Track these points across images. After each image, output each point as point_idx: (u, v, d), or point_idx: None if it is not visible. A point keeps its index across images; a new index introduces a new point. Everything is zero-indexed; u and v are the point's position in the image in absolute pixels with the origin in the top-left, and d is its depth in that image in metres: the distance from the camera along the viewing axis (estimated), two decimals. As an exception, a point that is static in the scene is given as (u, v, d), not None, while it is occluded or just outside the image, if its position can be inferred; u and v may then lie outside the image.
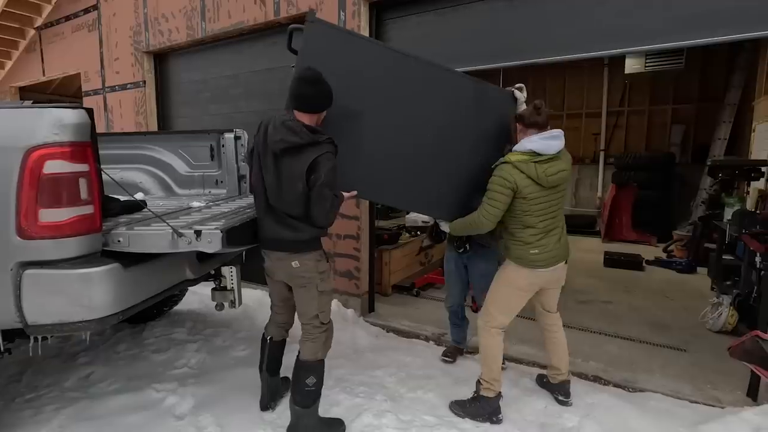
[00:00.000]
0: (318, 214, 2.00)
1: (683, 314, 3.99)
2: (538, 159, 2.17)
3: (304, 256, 2.10)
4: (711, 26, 2.55)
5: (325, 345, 2.23)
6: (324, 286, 2.18)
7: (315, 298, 2.16)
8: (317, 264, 2.14)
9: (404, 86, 2.34)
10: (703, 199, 6.44)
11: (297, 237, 2.06)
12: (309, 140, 1.94)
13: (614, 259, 5.83)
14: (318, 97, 2.02)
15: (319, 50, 2.13)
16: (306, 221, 2.04)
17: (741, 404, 2.48)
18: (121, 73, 5.67)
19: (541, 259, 2.25)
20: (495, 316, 2.37)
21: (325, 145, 1.97)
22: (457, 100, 2.47)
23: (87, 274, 1.72)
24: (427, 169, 2.44)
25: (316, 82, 1.99)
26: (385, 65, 2.30)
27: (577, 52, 2.96)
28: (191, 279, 2.40)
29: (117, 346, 3.29)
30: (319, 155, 1.94)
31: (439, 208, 2.58)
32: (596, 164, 8.94)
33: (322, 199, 1.96)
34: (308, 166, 1.93)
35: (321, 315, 2.20)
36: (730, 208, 4.32)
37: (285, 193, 2.00)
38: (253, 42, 4.68)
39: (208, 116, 5.12)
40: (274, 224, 2.08)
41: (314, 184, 1.94)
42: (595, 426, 2.29)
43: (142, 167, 3.40)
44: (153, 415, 2.41)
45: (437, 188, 2.48)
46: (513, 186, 2.15)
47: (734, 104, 6.91)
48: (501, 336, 2.40)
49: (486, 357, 2.40)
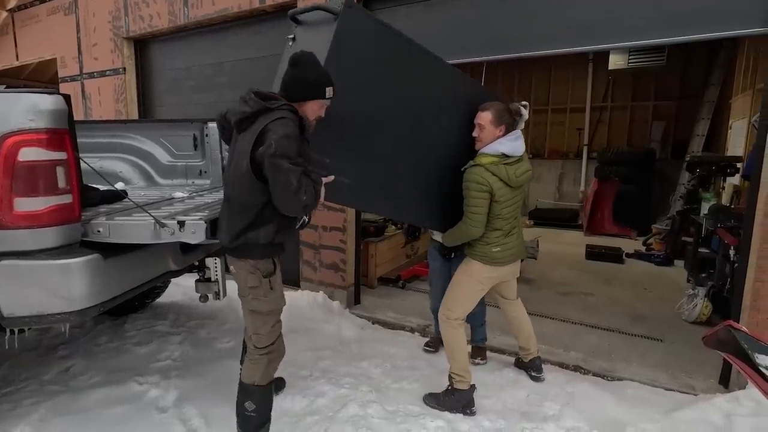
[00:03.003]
0: (280, 195, 1.60)
1: (660, 305, 4.11)
2: (507, 161, 2.23)
3: (237, 261, 1.79)
4: (692, 24, 2.61)
5: (265, 371, 1.91)
6: (256, 305, 1.82)
7: (246, 315, 1.88)
8: (248, 276, 1.79)
9: (426, 92, 2.19)
10: (681, 194, 6.60)
11: (230, 231, 1.74)
12: (258, 107, 1.64)
13: (595, 252, 5.96)
14: (291, 82, 1.71)
15: (353, 42, 1.82)
16: (255, 212, 1.70)
17: (713, 391, 2.58)
18: (100, 59, 5.50)
19: (502, 257, 2.35)
20: (455, 309, 2.42)
21: (279, 111, 1.64)
22: (465, 108, 2.36)
23: (66, 264, 1.68)
24: (429, 179, 2.34)
25: (294, 64, 1.69)
26: (414, 67, 2.09)
27: (562, 47, 2.99)
28: (174, 270, 2.37)
29: (98, 338, 3.23)
30: (270, 121, 1.60)
31: (431, 219, 2.50)
32: (580, 159, 9.08)
33: (279, 171, 1.55)
34: (255, 138, 1.60)
35: (254, 338, 1.88)
36: (707, 202, 4.45)
37: (232, 173, 1.72)
38: (237, 30, 4.58)
39: (191, 105, 5.02)
40: (222, 212, 1.82)
41: (264, 157, 1.57)
42: (574, 414, 2.35)
43: (122, 156, 3.32)
44: (135, 408, 2.38)
45: (436, 199, 2.40)
46: (489, 188, 2.19)
47: (712, 102, 7.09)
48: (462, 328, 2.44)
49: (452, 350, 2.42)
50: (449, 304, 2.44)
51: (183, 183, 3.37)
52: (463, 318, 2.45)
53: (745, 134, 5.18)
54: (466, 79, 2.49)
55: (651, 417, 2.32)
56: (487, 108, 2.26)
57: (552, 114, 9.28)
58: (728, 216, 3.73)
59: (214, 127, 3.26)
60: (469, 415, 2.36)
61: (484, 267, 2.35)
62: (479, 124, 2.27)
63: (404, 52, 2.07)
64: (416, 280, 4.81)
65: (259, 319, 1.86)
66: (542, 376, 2.72)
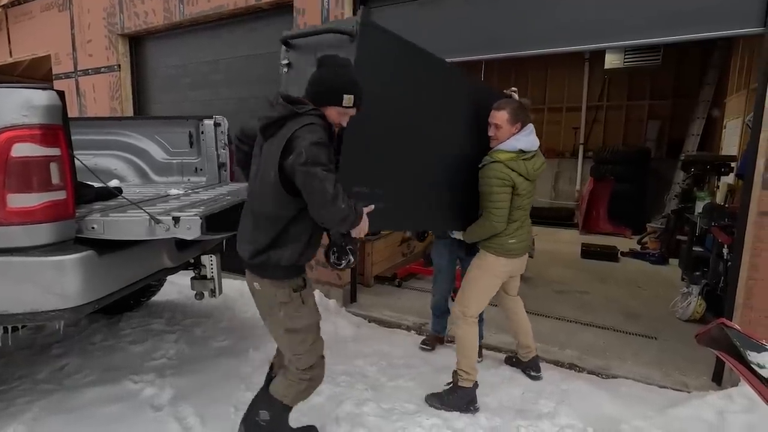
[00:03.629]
0: (317, 204, 1.47)
1: (655, 304, 4.13)
2: (525, 156, 2.27)
3: (261, 279, 1.67)
4: (687, 24, 2.62)
5: (299, 394, 1.82)
6: (289, 323, 1.70)
7: (281, 336, 1.75)
8: (276, 292, 1.66)
9: (442, 99, 2.16)
10: (676, 193, 6.65)
11: (252, 244, 1.63)
12: (285, 112, 1.53)
13: (591, 250, 5.99)
14: (312, 83, 1.59)
15: (374, 63, 1.71)
16: (279, 227, 1.59)
17: (706, 389, 2.60)
18: (95, 56, 5.46)
19: (517, 248, 2.38)
20: (471, 305, 2.43)
21: (307, 117, 1.53)
22: (477, 108, 2.36)
23: (60, 261, 1.67)
24: (449, 183, 2.33)
25: (319, 65, 1.58)
26: (429, 77, 2.04)
27: (557, 46, 3.00)
28: (170, 267, 2.36)
29: (92, 337, 3.21)
30: (299, 128, 1.49)
31: (455, 221, 2.48)
32: (575, 158, 9.11)
33: (313, 179, 1.43)
34: (284, 146, 1.49)
35: (294, 360, 1.76)
36: (701, 201, 4.48)
37: (258, 184, 1.61)
38: (233, 27, 4.56)
39: (187, 102, 4.99)
40: (243, 225, 1.72)
41: (294, 166, 1.45)
42: (569, 411, 2.36)
43: (117, 153, 3.30)
44: (130, 407, 2.37)
45: (456, 200, 2.39)
46: (511, 182, 2.22)
47: (707, 101, 7.13)
48: (476, 325, 2.46)
49: (465, 347, 2.43)
50: (465, 300, 2.43)
51: (179, 180, 3.36)
52: (478, 315, 2.47)
53: (739, 134, 5.22)
54: (475, 81, 2.51)
55: (645, 414, 2.34)
56: (502, 107, 2.27)
57: (548, 113, 9.30)
58: (722, 215, 3.75)
59: (210, 124, 3.26)
60: (472, 412, 2.36)
61: (498, 260, 2.37)
62: (495, 124, 2.27)
63: (420, 62, 1.99)
64: (412, 278, 4.82)
65: (295, 337, 1.72)
66: (541, 375, 2.74)
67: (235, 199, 2.37)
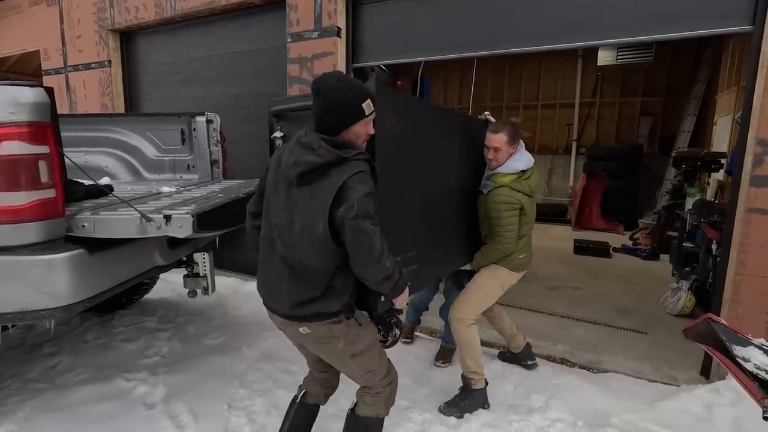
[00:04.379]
0: (363, 261, 1.39)
1: (646, 299, 4.18)
2: (525, 176, 2.33)
3: (314, 323, 1.51)
4: (679, 21, 2.64)
5: (388, 400, 1.74)
6: (354, 349, 1.59)
7: (347, 363, 1.63)
8: (332, 328, 1.52)
9: (443, 143, 2.20)
10: (667, 189, 6.71)
11: (291, 298, 1.48)
12: (331, 158, 1.39)
13: (583, 246, 6.03)
14: (327, 111, 1.44)
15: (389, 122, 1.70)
16: (325, 280, 1.46)
17: (695, 382, 2.64)
18: (85, 52, 5.39)
19: (526, 263, 2.50)
20: (475, 311, 2.46)
21: (357, 163, 1.41)
22: (465, 139, 2.41)
23: (50, 260, 1.65)
24: (455, 221, 2.38)
25: (317, 93, 1.45)
26: (430, 125, 2.08)
27: (551, 44, 3.01)
28: (162, 266, 2.35)
29: (85, 335, 3.19)
30: (349, 177, 1.37)
31: (463, 255, 2.52)
32: (569, 154, 9.16)
33: (363, 235, 1.35)
34: (334, 195, 1.36)
35: (368, 377, 1.67)
36: (691, 198, 4.53)
37: (299, 235, 1.43)
38: (225, 23, 4.52)
39: (179, 99, 4.95)
40: (277, 278, 1.51)
41: (344, 220, 1.35)
42: (560, 405, 2.39)
43: (108, 151, 3.27)
44: (123, 405, 2.37)
45: (461, 236, 2.45)
46: (519, 205, 2.29)
47: (699, 98, 7.19)
48: (476, 327, 2.47)
49: (471, 350, 2.40)
50: (469, 307, 2.44)
51: (171, 178, 3.34)
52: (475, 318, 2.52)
53: (729, 131, 5.27)
54: (466, 117, 2.59)
55: (634, 408, 2.37)
56: (500, 130, 2.30)
57: (542, 110, 9.34)
58: (711, 211, 3.80)
59: (203, 121, 3.24)
60: (485, 410, 2.39)
61: (510, 274, 2.44)
62: (495, 147, 2.30)
63: (420, 112, 2.04)
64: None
65: (363, 359, 1.62)
66: (536, 362, 2.80)
67: (228, 196, 2.36)
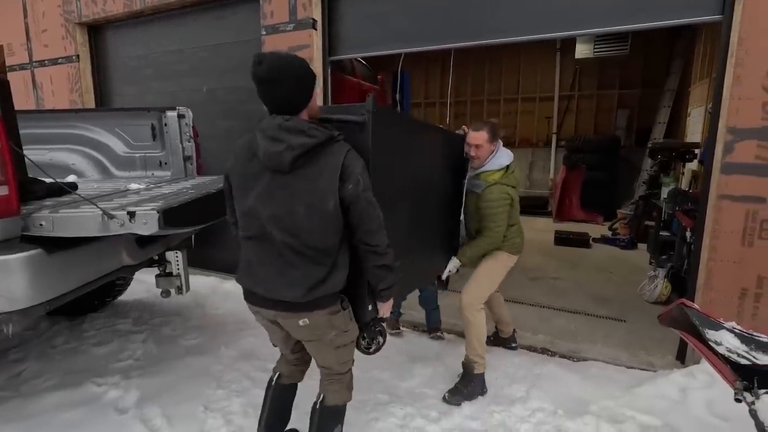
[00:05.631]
0: (375, 230, 1.49)
1: (624, 287, 4.25)
2: (509, 171, 2.47)
3: (316, 313, 1.54)
4: (650, 12, 2.66)
5: (350, 384, 1.84)
6: (341, 341, 1.66)
7: (329, 353, 1.70)
8: (331, 320, 1.58)
9: (426, 153, 2.27)
10: (644, 180, 6.83)
11: (303, 284, 1.49)
12: (324, 137, 1.44)
13: (563, 237, 6.11)
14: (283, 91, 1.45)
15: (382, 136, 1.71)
16: (332, 257, 1.52)
17: (671, 367, 2.68)
18: (51, 47, 5.18)
19: (521, 245, 2.63)
20: (483, 295, 2.55)
21: (342, 143, 1.49)
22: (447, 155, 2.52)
23: (4, 261, 1.57)
24: (438, 224, 2.47)
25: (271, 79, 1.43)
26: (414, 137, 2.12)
27: (527, 34, 3.00)
28: (131, 265, 2.27)
29: (53, 340, 3.07)
30: (345, 156, 1.45)
31: (446, 257, 2.60)
32: (549, 147, 9.26)
33: (372, 206, 1.48)
34: (339, 174, 1.43)
35: (341, 365, 1.76)
36: (667, 187, 4.62)
37: (306, 217, 1.45)
38: (198, 15, 4.39)
39: (151, 94, 4.79)
40: (283, 269, 1.50)
41: (357, 193, 1.44)
42: (541, 395, 2.41)
43: (75, 147, 3.15)
44: (93, 411, 2.28)
45: (441, 237, 2.54)
46: (510, 200, 2.43)
47: (673, 90, 7.33)
48: (483, 312, 2.54)
49: (478, 334, 2.47)
50: (478, 292, 2.53)
51: (142, 175, 3.23)
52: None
53: (702, 121, 5.39)
54: (446, 132, 2.67)
55: (612, 394, 2.40)
56: (481, 128, 2.42)
57: (522, 103, 9.40)
58: (686, 199, 3.87)
59: (174, 116, 3.13)
60: (484, 395, 2.46)
61: (511, 257, 2.58)
62: (476, 145, 2.41)
63: (407, 126, 2.13)
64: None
65: (344, 350, 1.70)
66: (517, 345, 3.01)
67: (199, 192, 2.29)
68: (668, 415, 2.19)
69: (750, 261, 2.46)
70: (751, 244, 2.45)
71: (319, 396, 1.79)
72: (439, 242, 2.54)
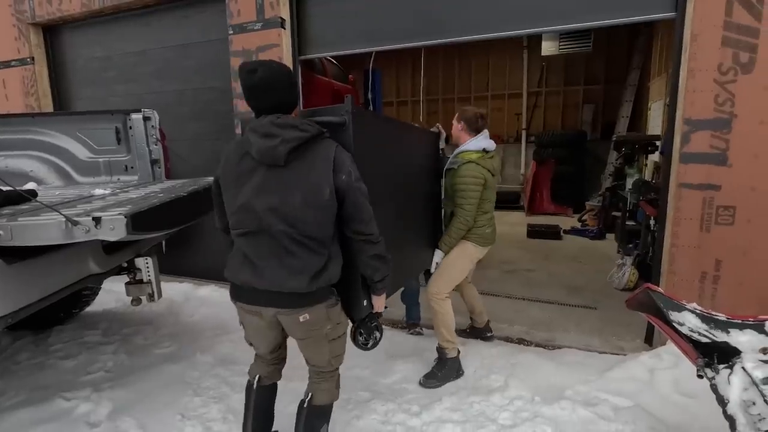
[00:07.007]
0: (368, 219, 1.55)
1: (595, 276, 4.40)
2: (488, 156, 2.53)
3: (310, 308, 1.56)
4: (608, 9, 2.77)
5: (338, 383, 1.84)
6: (335, 333, 1.68)
7: (323, 347, 1.70)
8: (329, 313, 1.60)
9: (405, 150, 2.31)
10: (610, 172, 7.09)
11: (305, 272, 1.51)
12: (315, 131, 1.51)
13: (536, 230, 6.27)
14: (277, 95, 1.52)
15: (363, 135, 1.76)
16: (328, 247, 1.56)
17: (640, 350, 2.80)
18: (3, 49, 4.91)
19: (491, 236, 2.66)
20: (448, 286, 2.63)
21: (329, 140, 1.57)
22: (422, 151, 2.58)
23: (-42, 274, 1.48)
24: (420, 217, 2.50)
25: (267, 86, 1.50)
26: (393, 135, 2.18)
27: (494, 31, 3.06)
28: (98, 273, 2.19)
29: (17, 356, 2.92)
30: (334, 150, 1.53)
31: (428, 248, 2.62)
32: (519, 143, 9.47)
33: (364, 196, 1.54)
34: (333, 166, 1.49)
35: (334, 360, 1.75)
36: (631, 178, 4.80)
37: (302, 207, 1.47)
38: (162, 14, 4.26)
39: (115, 97, 4.62)
40: (285, 261, 1.51)
41: (350, 183, 1.50)
42: (518, 383, 2.46)
43: (32, 154, 3.00)
44: (63, 426, 2.18)
45: (423, 239, 2.56)
46: (483, 180, 2.46)
47: (634, 85, 7.63)
48: (449, 301, 2.61)
49: (444, 321, 2.57)
50: (443, 284, 2.60)
51: (107, 180, 3.11)
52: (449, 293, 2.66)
53: (662, 114, 5.63)
54: (420, 130, 2.74)
55: (586, 379, 2.48)
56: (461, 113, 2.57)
57: (492, 100, 9.58)
58: (649, 189, 4.04)
59: (139, 119, 3.03)
60: (459, 378, 2.56)
61: (477, 248, 2.61)
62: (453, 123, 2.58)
63: (386, 125, 2.20)
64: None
65: (338, 342, 1.72)
66: (493, 335, 3.07)
67: (169, 195, 2.22)
68: (638, 396, 2.29)
69: (708, 246, 2.59)
70: (708, 230, 2.58)
71: (306, 395, 1.77)
72: (423, 237, 2.57)
